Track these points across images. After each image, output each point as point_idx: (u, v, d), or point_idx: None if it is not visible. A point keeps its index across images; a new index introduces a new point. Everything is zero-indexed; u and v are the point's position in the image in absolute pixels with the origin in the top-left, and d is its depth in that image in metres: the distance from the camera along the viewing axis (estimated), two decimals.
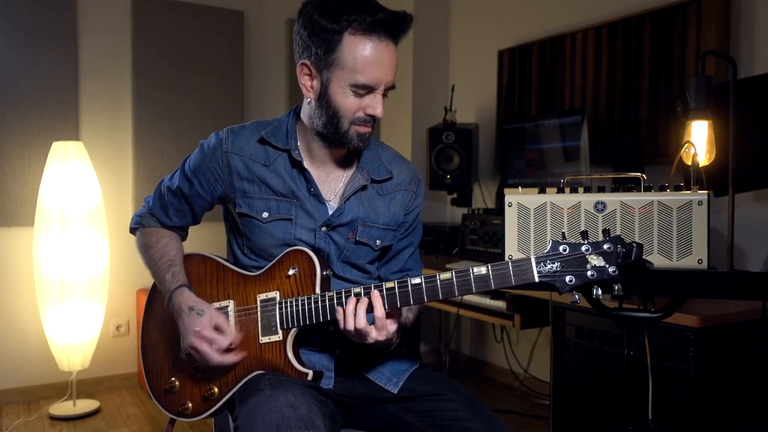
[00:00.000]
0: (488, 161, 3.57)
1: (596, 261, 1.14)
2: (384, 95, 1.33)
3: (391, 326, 1.27)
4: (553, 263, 1.15)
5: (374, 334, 1.24)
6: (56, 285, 2.92)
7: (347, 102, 1.31)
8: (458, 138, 3.28)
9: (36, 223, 2.99)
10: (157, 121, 3.45)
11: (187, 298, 1.38)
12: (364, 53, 1.26)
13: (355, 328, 1.24)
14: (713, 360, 1.87)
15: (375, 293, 1.24)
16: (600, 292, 1.15)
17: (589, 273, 1.14)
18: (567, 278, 1.14)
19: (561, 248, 1.15)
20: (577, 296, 1.17)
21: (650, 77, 2.65)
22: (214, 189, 1.45)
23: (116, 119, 3.40)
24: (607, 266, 1.13)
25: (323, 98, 1.32)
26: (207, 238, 2.36)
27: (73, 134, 3.26)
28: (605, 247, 1.14)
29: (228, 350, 1.35)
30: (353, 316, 1.24)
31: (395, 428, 1.40)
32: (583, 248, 1.14)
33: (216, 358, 1.32)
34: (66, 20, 3.23)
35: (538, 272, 1.16)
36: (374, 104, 1.31)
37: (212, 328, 1.33)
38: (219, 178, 1.43)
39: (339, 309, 1.26)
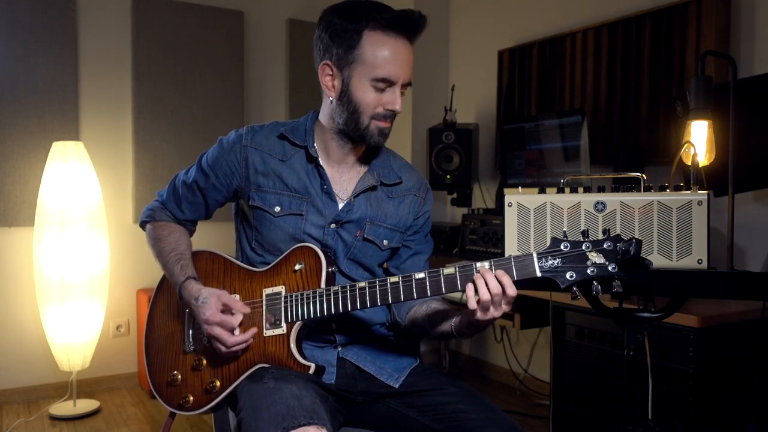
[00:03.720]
0: (488, 161, 3.57)
1: (596, 258, 1.16)
2: (402, 92, 1.39)
3: (506, 307, 1.23)
4: (555, 259, 1.18)
5: (492, 310, 1.22)
6: (56, 285, 2.92)
7: (367, 97, 1.36)
8: (458, 138, 3.28)
9: (36, 223, 2.99)
10: (157, 121, 3.45)
11: (192, 290, 1.41)
12: (382, 49, 1.33)
13: (481, 300, 1.21)
14: (713, 360, 1.87)
15: (499, 272, 1.21)
16: (600, 288, 1.17)
17: (589, 270, 1.16)
18: (568, 274, 1.17)
19: (562, 245, 1.18)
20: (577, 292, 1.18)
21: (650, 77, 2.65)
22: (231, 182, 1.48)
23: (116, 119, 3.40)
24: (607, 263, 1.15)
25: (344, 95, 1.38)
26: (216, 238, 2.36)
27: (73, 134, 3.26)
28: (605, 245, 1.16)
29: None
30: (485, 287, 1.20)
31: (397, 423, 1.41)
32: (584, 246, 1.17)
33: (229, 340, 1.34)
34: (66, 20, 3.23)
35: (540, 267, 1.19)
36: (393, 99, 1.37)
37: (219, 311, 1.36)
38: (236, 171, 1.47)
39: (469, 285, 1.22)
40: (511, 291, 1.20)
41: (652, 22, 2.64)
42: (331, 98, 1.40)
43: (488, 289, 1.20)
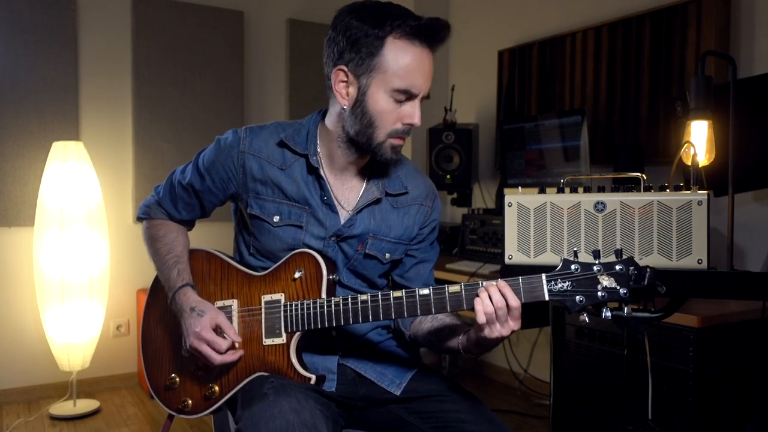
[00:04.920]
0: (488, 161, 3.57)
1: (607, 282, 1.13)
2: (421, 102, 1.31)
3: (514, 324, 1.19)
4: (564, 282, 1.15)
5: (497, 326, 1.17)
6: (56, 285, 2.92)
7: (386, 109, 1.28)
8: (458, 138, 3.28)
9: (36, 223, 2.99)
10: (157, 121, 3.45)
11: (189, 298, 1.37)
12: (406, 58, 1.25)
13: (486, 315, 1.17)
14: (713, 360, 1.87)
15: (501, 283, 1.17)
16: (610, 314, 1.14)
17: (599, 294, 1.13)
18: (577, 298, 1.14)
19: (572, 267, 1.15)
20: (587, 318, 1.15)
21: (650, 77, 2.65)
22: (227, 187, 1.44)
23: (116, 119, 3.40)
24: (619, 288, 1.12)
25: (359, 106, 1.29)
26: (214, 237, 2.35)
27: (73, 134, 3.26)
28: (617, 268, 1.13)
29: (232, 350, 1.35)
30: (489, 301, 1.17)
31: (397, 429, 1.40)
32: (595, 268, 1.14)
33: (217, 359, 1.32)
34: (66, 20, 3.23)
35: (549, 290, 1.15)
36: (413, 112, 1.29)
37: (212, 330, 1.33)
38: (233, 177, 1.42)
39: (478, 300, 1.18)
40: (514, 302, 1.16)
41: (652, 22, 2.64)
42: (344, 107, 1.31)
43: (492, 302, 1.16)
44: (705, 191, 1.28)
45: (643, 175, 1.36)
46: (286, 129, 1.42)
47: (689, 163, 1.63)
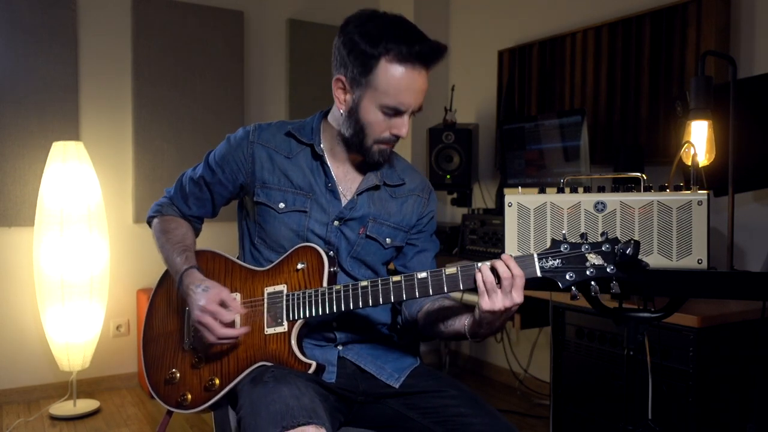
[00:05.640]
0: (488, 161, 3.57)
1: (595, 260, 1.18)
2: (411, 115, 1.40)
3: (516, 296, 1.21)
4: (555, 260, 1.20)
5: (500, 296, 1.21)
6: (56, 285, 2.92)
7: (375, 120, 1.38)
8: (458, 138, 3.28)
9: (36, 223, 3.00)
10: (157, 121, 3.45)
11: (195, 277, 1.41)
12: (396, 80, 1.33)
13: (486, 283, 1.21)
14: (713, 360, 1.87)
15: (504, 256, 1.22)
16: (598, 288, 1.19)
17: (588, 271, 1.19)
18: (567, 275, 1.19)
19: (562, 247, 1.20)
20: (576, 292, 1.20)
21: (650, 77, 2.65)
22: (236, 178, 1.51)
23: (116, 119, 3.40)
24: (606, 265, 1.18)
25: (353, 113, 1.39)
26: (218, 237, 2.36)
27: (73, 134, 3.26)
28: (604, 247, 1.19)
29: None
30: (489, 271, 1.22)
31: (398, 424, 1.41)
32: (583, 248, 1.20)
33: (219, 330, 1.34)
34: (66, 20, 3.23)
35: (540, 267, 1.21)
36: (400, 125, 1.39)
37: (217, 303, 1.36)
38: (242, 167, 1.49)
39: (478, 272, 1.23)
40: (517, 271, 1.20)
41: (652, 22, 2.64)
42: (341, 111, 1.42)
43: (497, 273, 1.20)
44: (705, 191, 1.29)
45: (643, 175, 1.36)
46: (292, 124, 1.53)
47: (689, 163, 1.63)
